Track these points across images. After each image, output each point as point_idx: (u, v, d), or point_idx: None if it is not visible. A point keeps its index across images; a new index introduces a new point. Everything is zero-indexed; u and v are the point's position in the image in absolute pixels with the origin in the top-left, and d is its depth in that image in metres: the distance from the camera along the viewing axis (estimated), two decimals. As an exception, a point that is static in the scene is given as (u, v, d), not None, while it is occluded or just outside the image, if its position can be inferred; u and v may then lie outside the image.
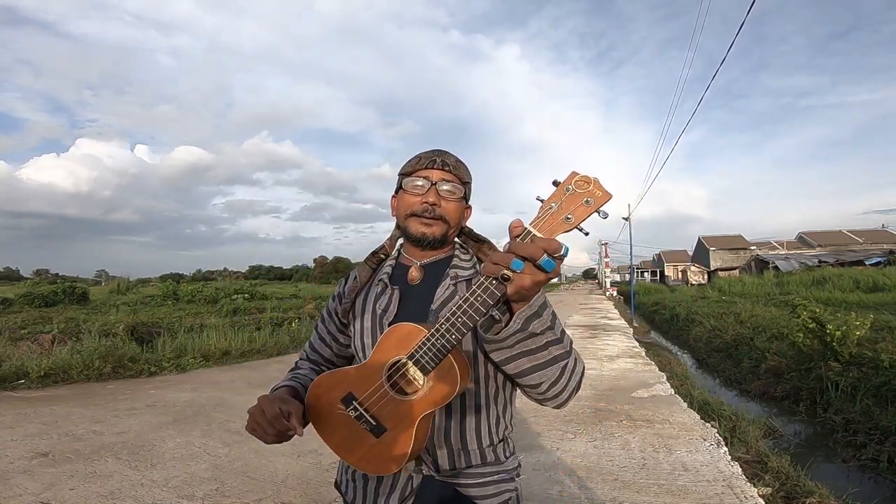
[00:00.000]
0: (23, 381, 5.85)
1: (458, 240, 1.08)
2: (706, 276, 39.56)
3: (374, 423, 0.88)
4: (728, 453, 3.53)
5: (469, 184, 1.04)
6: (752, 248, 40.76)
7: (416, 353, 0.82)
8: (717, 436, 3.89)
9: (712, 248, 42.08)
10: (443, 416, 0.93)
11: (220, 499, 2.90)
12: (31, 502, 2.82)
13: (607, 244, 31.46)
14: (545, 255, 0.70)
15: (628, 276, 29.88)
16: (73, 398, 5.27)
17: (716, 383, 8.49)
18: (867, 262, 25.77)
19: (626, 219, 21.26)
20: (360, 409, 0.89)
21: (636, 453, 3.57)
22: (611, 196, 0.73)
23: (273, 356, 8.25)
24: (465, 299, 0.77)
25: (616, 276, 43.31)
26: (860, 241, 37.76)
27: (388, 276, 1.03)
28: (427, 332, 0.81)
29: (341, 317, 1.08)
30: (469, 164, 1.06)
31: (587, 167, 0.76)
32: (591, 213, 0.73)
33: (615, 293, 31.79)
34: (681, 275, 45.65)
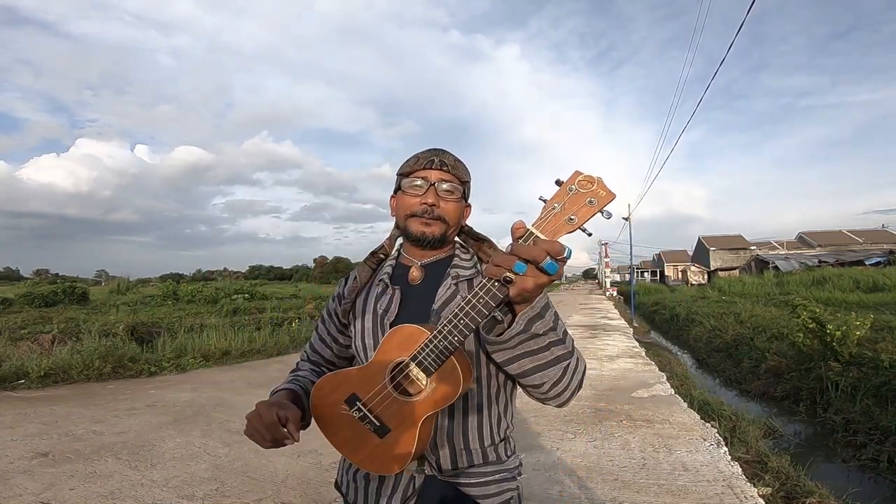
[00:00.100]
0: (23, 381, 5.84)
1: (458, 239, 1.08)
2: (706, 276, 39.56)
3: (378, 424, 0.88)
4: (728, 453, 3.52)
5: (468, 183, 1.04)
6: (752, 248, 40.76)
7: (419, 355, 0.82)
8: (717, 436, 3.89)
9: (712, 248, 42.08)
10: (444, 416, 0.93)
11: (220, 499, 2.90)
12: (31, 502, 2.82)
13: (607, 244, 31.47)
14: (548, 258, 0.70)
15: (628, 276, 29.87)
16: (73, 398, 5.26)
17: (716, 383, 8.49)
18: (867, 262, 25.77)
19: (626, 219, 21.26)
20: (364, 410, 0.89)
21: (636, 453, 3.57)
22: (614, 196, 0.72)
23: (273, 356, 8.25)
24: (467, 301, 0.76)
25: (616, 276, 43.30)
26: (860, 241, 37.77)
27: (388, 276, 1.02)
28: (429, 333, 0.81)
29: (341, 317, 1.07)
30: (469, 163, 1.06)
31: (587, 167, 0.75)
32: (594, 214, 0.72)
33: (615, 293, 31.77)
34: (681, 275, 45.65)
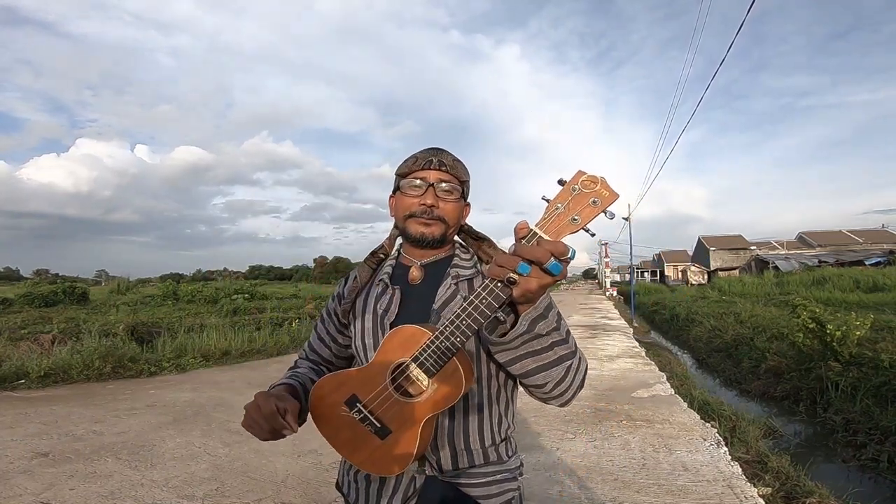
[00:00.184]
0: (23, 381, 5.84)
1: (458, 238, 1.07)
2: (706, 276, 39.56)
3: (379, 426, 0.87)
4: (728, 453, 3.52)
5: (467, 182, 1.03)
6: (752, 248, 40.77)
7: (421, 356, 0.82)
8: (717, 436, 3.89)
9: (712, 248, 42.09)
10: (445, 417, 0.93)
11: (220, 499, 2.90)
12: (31, 502, 2.82)
13: (607, 244, 31.44)
14: (552, 259, 0.70)
15: (628, 276, 29.87)
16: (73, 398, 5.26)
17: (716, 383, 8.49)
18: (867, 262, 25.77)
19: (627, 219, 21.25)
20: (365, 412, 0.88)
21: (636, 453, 3.56)
22: (618, 196, 0.72)
23: (273, 356, 8.25)
24: (469, 302, 0.76)
25: (616, 276, 43.29)
26: (860, 241, 37.78)
27: (388, 276, 1.02)
28: (431, 334, 0.81)
29: (341, 317, 1.07)
30: (469, 163, 1.05)
31: (588, 167, 0.75)
32: (598, 214, 0.72)
33: (615, 293, 31.76)
34: (681, 275, 45.64)
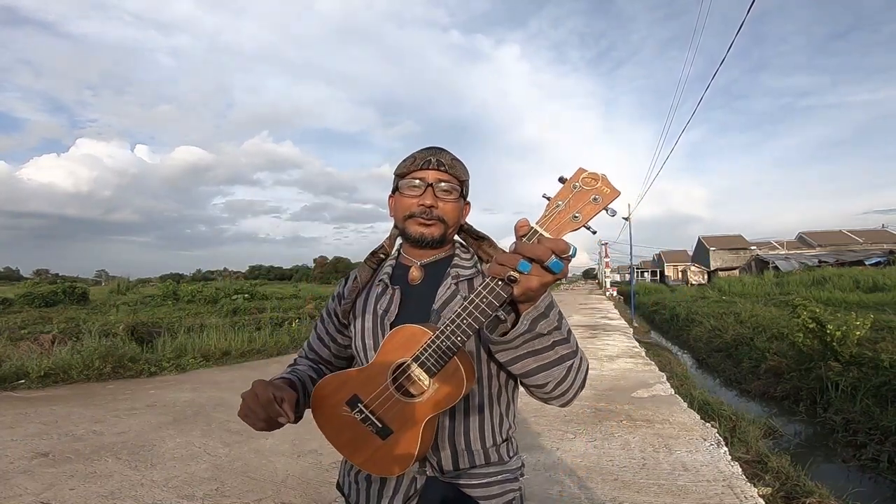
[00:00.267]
0: (23, 381, 5.84)
1: (458, 237, 1.07)
2: (706, 276, 39.56)
3: (380, 426, 0.87)
4: (728, 453, 3.52)
5: (466, 181, 1.02)
6: (752, 248, 40.77)
7: (421, 356, 0.81)
8: (717, 436, 3.89)
9: (712, 248, 42.09)
10: (446, 417, 0.93)
11: (220, 499, 2.89)
12: (31, 502, 2.82)
13: (607, 244, 31.42)
14: (553, 257, 0.69)
15: (628, 276, 29.87)
16: (73, 398, 5.26)
17: (716, 383, 8.48)
18: (867, 262, 25.77)
19: (627, 219, 21.25)
20: (366, 412, 0.88)
21: (636, 453, 3.56)
22: (619, 193, 0.71)
23: (273, 356, 8.24)
24: (470, 301, 0.75)
25: (616, 276, 43.30)
26: (860, 241, 37.79)
27: (388, 276, 1.02)
28: (431, 333, 0.80)
29: (341, 317, 1.07)
30: (469, 163, 1.05)
31: (588, 166, 0.75)
32: (599, 211, 0.71)
33: (615, 293, 31.76)
34: (681, 275, 45.64)
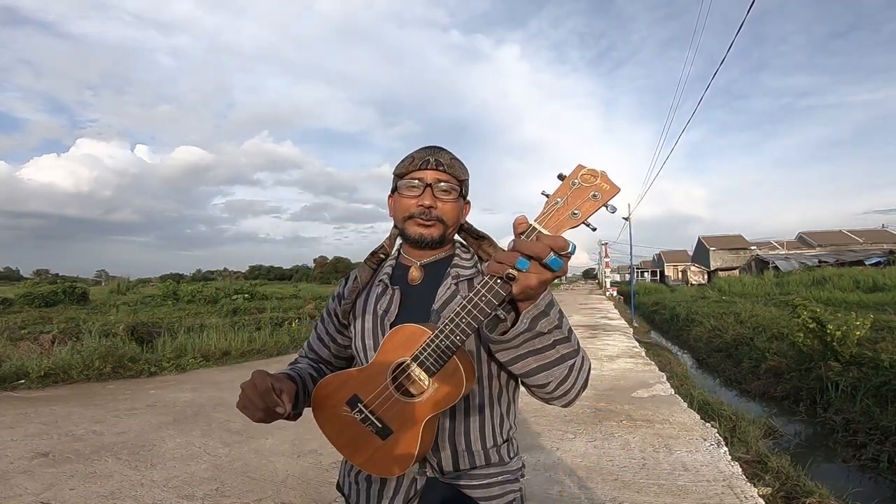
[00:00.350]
0: (23, 381, 5.85)
1: (458, 237, 1.06)
2: (706, 276, 39.56)
3: (380, 426, 0.87)
4: (728, 453, 3.52)
5: (466, 180, 1.02)
6: (752, 248, 40.77)
7: (421, 355, 0.81)
8: (717, 436, 3.89)
9: (712, 248, 42.09)
10: (446, 417, 0.92)
11: (220, 499, 2.89)
12: (31, 502, 2.82)
13: (607, 244, 31.43)
14: (552, 254, 0.68)
15: (628, 276, 29.87)
16: (73, 398, 5.26)
17: (716, 383, 8.48)
18: (867, 262, 25.78)
19: (626, 219, 21.25)
20: (366, 412, 0.88)
21: (636, 453, 3.56)
22: (619, 189, 0.71)
23: (273, 356, 8.25)
24: (469, 299, 0.75)
25: (616, 276, 43.30)
26: (860, 241, 37.79)
27: (388, 276, 1.02)
28: (431, 332, 0.80)
29: (341, 317, 1.07)
30: (469, 163, 1.04)
31: (589, 164, 0.75)
32: (598, 208, 0.71)
33: (615, 293, 31.75)
34: (681, 275, 45.64)
